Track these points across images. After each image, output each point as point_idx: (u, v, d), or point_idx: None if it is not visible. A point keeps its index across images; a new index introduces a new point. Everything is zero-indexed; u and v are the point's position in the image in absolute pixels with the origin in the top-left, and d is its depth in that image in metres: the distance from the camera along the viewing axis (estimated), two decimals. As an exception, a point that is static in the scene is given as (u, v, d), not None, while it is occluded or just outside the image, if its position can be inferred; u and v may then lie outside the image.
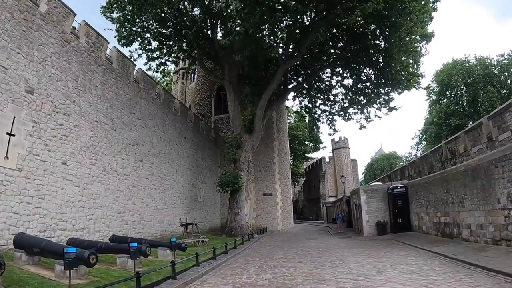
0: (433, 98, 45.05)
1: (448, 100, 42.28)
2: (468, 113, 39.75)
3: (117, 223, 16.18)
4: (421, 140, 50.93)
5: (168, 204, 20.83)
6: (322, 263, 11.30)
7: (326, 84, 31.54)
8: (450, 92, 42.42)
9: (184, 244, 11.91)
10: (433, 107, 44.88)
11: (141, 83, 19.61)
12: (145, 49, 25.68)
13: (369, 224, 20.76)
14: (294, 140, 49.14)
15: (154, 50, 26.05)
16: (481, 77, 38.97)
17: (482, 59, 40.87)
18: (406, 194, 20.40)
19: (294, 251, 15.07)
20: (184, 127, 24.38)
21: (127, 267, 9.57)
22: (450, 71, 41.04)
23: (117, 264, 10.06)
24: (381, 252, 13.40)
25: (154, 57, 26.42)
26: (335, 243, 18.43)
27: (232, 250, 15.29)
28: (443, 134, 39.48)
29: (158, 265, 10.00)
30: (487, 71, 39.18)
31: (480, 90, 38.93)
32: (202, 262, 11.54)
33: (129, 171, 17.52)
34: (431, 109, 45.87)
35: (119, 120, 17.17)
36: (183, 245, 11.85)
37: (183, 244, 11.95)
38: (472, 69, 40.23)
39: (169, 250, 11.70)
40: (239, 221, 22.08)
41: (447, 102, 41.94)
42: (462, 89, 41.50)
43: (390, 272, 9.25)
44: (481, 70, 39.28)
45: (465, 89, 41.00)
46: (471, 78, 39.78)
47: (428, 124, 45.21)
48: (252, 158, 24.43)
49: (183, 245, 11.85)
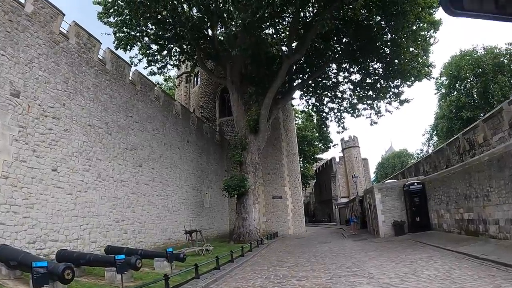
0: (443, 91, 44.10)
1: (458, 92, 41.13)
2: (479, 105, 38.66)
3: (115, 232, 15.24)
4: (432, 135, 49.68)
5: (171, 211, 19.81)
6: (337, 271, 10.11)
7: (332, 81, 30.45)
8: (459, 84, 41.25)
9: (182, 255, 10.85)
10: (443, 101, 43.70)
11: (138, 85, 18.76)
12: (145, 53, 25.09)
13: (385, 225, 19.45)
14: (303, 142, 47.97)
15: (155, 54, 25.52)
16: (490, 67, 37.69)
17: (491, 48, 39.66)
18: (423, 190, 19.11)
19: (306, 257, 13.88)
20: (187, 130, 23.43)
21: (115, 281, 8.53)
22: (459, 63, 40.00)
23: (105, 278, 9.07)
24: (402, 255, 12.15)
25: (155, 60, 25.80)
26: (350, 246, 17.17)
27: (238, 258, 14.17)
28: (455, 128, 38.21)
29: (152, 278, 8.94)
30: (496, 61, 37.86)
31: (490, 80, 37.58)
32: (203, 274, 10.46)
33: (127, 177, 16.59)
34: (441, 103, 44.74)
35: (114, 124, 16.32)
36: (182, 255, 10.80)
37: (182, 254, 10.89)
38: (481, 59, 39.07)
39: (166, 261, 10.64)
40: (247, 227, 20.93)
41: (457, 95, 40.77)
42: (472, 81, 40.45)
43: (416, 279, 8.04)
44: (490, 60, 38.03)
45: (475, 80, 39.90)
46: (481, 69, 38.63)
47: (439, 119, 44.08)
48: (259, 159, 23.29)
49: (182, 255, 10.80)
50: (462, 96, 39.94)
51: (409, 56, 23.32)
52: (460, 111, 38.70)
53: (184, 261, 10.93)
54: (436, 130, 46.26)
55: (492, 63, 37.69)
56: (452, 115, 40.10)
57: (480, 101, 38.85)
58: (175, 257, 10.76)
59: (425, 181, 19.40)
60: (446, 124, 41.28)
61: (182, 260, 10.80)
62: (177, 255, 10.82)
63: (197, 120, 25.96)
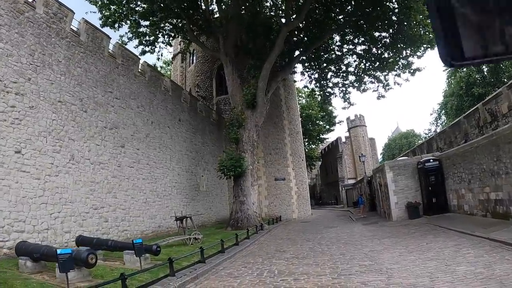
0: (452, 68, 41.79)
1: (468, 69, 38.89)
2: (490, 82, 37.10)
3: (94, 220, 13.52)
4: (440, 115, 48.60)
5: (161, 196, 17.99)
6: (346, 265, 8.17)
7: (336, 54, 28.04)
8: None
9: (156, 246, 8.95)
10: (452, 78, 42.42)
11: (119, 58, 16.78)
12: (136, 32, 23.24)
13: (398, 206, 17.48)
14: (307, 121, 45.80)
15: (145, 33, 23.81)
16: None
17: None
18: (440, 168, 17.06)
19: (309, 246, 11.97)
20: (178, 108, 21.39)
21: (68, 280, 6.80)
22: None
23: (56, 276, 7.35)
24: (422, 242, 10.19)
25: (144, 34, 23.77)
26: (360, 232, 15.22)
27: (231, 248, 12.36)
28: (465, 106, 36.78)
29: (115, 276, 7.07)
30: None
31: None
32: (183, 269, 8.66)
33: (106, 158, 14.76)
34: (449, 80, 43.46)
35: (90, 100, 14.47)
36: (155, 247, 8.91)
37: (155, 246, 8.99)
38: None
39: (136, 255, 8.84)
40: (245, 211, 19.03)
41: (467, 71, 38.85)
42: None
43: (450, 279, 6.10)
44: None
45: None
46: None
47: (448, 96, 42.82)
48: (257, 137, 21.19)
49: (155, 247, 8.91)
50: (473, 72, 38.13)
51: (420, 19, 20.96)
52: (471, 88, 37.28)
53: (158, 254, 9.06)
54: (445, 108, 44.84)
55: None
56: (462, 92, 38.74)
57: (491, 77, 37.33)
58: (147, 250, 8.91)
59: (441, 158, 17.33)
60: (456, 101, 40.21)
61: (155, 252, 8.93)
62: (149, 247, 8.97)
63: (190, 97, 23.87)
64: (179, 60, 36.63)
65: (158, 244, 9.12)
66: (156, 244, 9.03)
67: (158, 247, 8.95)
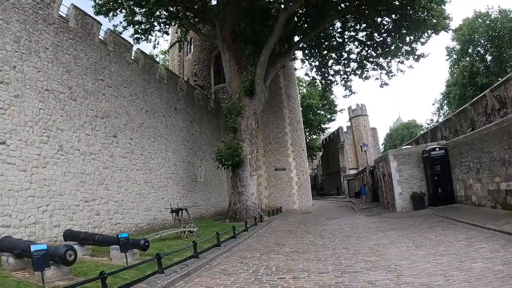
0: (454, 57, 41.95)
1: (471, 58, 38.77)
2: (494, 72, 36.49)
3: (84, 214, 12.90)
4: (442, 105, 48.26)
5: (156, 188, 17.36)
6: (350, 261, 7.52)
7: (338, 41, 27.08)
8: (473, 49, 39.12)
9: (144, 241, 8.30)
10: (455, 67, 41.87)
11: (111, 45, 16.02)
12: (131, 21, 22.49)
13: (403, 197, 16.83)
14: (308, 111, 45.03)
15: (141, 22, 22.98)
16: (506, 31, 35.12)
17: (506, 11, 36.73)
18: (446, 157, 16.38)
19: (310, 239, 11.34)
20: (174, 97, 20.63)
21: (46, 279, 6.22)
22: (472, 25, 37.74)
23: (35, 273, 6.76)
24: (431, 235, 9.54)
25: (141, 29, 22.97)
26: (363, 223, 14.57)
27: (228, 241, 11.76)
28: (468, 95, 36.36)
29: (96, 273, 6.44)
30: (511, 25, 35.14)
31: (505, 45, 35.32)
32: (175, 264, 8.07)
33: (97, 149, 14.09)
34: (452, 69, 43.00)
35: (80, 88, 13.75)
36: (143, 242, 8.26)
37: (142, 240, 8.33)
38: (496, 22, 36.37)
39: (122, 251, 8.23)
40: (243, 202, 18.41)
41: (471, 60, 38.49)
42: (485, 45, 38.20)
43: (467, 278, 5.45)
44: (506, 23, 35.31)
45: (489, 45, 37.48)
46: (496, 33, 36.09)
47: (451, 86, 42.32)
48: (256, 125, 20.40)
49: (143, 242, 8.26)
50: (476, 61, 37.80)
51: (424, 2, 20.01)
52: (475, 77, 36.71)
53: (146, 249, 8.42)
54: (447, 98, 44.48)
55: (508, 27, 35.13)
56: (465, 82, 38.12)
57: (494, 67, 36.82)
58: (134, 245, 8.28)
59: (448, 146, 16.62)
60: (459, 91, 39.64)
61: (143, 248, 8.29)
62: (137, 242, 8.32)
63: (187, 85, 23.07)
64: (176, 50, 35.89)
65: (147, 239, 8.46)
66: (145, 239, 8.37)
67: (146, 241, 8.30)
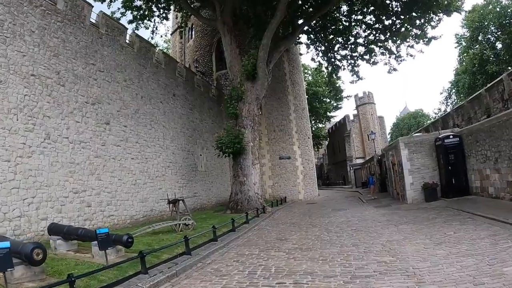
0: (464, 44, 40.76)
1: (481, 45, 37.38)
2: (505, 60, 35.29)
3: (74, 206, 12.13)
4: (450, 94, 47.13)
5: (153, 177, 16.51)
6: (361, 261, 6.59)
7: (344, 25, 25.72)
8: (483, 36, 37.84)
9: (127, 237, 7.40)
10: (464, 55, 40.45)
11: (103, 28, 15.09)
12: (130, 6, 21.56)
13: (414, 188, 15.79)
14: (314, 99, 43.81)
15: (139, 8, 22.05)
16: None
17: None
18: (460, 145, 15.26)
19: (315, 234, 10.39)
20: (172, 82, 19.64)
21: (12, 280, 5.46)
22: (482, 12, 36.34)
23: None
24: (449, 231, 8.54)
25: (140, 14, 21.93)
26: (372, 216, 13.58)
27: (227, 234, 10.92)
28: (478, 84, 35.27)
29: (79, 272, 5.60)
30: None
31: None
32: (163, 263, 7.26)
33: (88, 137, 13.26)
34: (461, 57, 41.58)
35: (69, 73, 12.91)
36: (126, 238, 7.36)
37: (126, 236, 7.43)
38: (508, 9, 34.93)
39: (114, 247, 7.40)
40: (245, 192, 17.51)
41: (481, 47, 37.13)
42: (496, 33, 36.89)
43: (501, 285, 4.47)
44: None
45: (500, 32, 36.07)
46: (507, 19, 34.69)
47: (460, 74, 40.98)
48: (258, 111, 19.35)
49: (126, 238, 7.36)
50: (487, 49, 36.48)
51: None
52: (485, 65, 35.45)
53: (129, 246, 7.55)
54: (456, 87, 43.16)
55: (519, 14, 33.98)
56: (475, 70, 36.83)
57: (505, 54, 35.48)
58: (116, 241, 7.42)
59: (462, 134, 15.47)
60: (469, 79, 38.52)
61: (126, 244, 7.42)
62: (119, 238, 7.44)
63: (186, 71, 22.05)
64: (177, 37, 35.12)
65: (131, 235, 7.56)
66: (128, 235, 7.47)
67: (130, 238, 7.40)
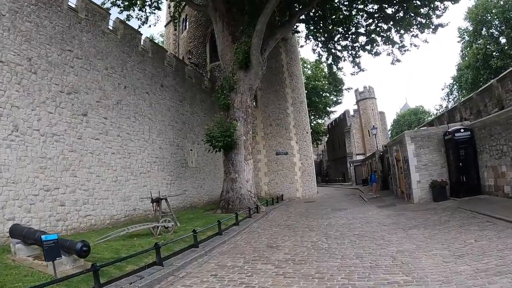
0: (467, 39, 39.80)
1: (484, 40, 36.40)
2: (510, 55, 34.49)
3: (45, 204, 10.94)
4: (452, 90, 46.10)
5: (136, 174, 15.20)
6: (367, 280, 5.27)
7: (344, 14, 24.32)
8: (486, 30, 36.87)
9: (82, 245, 6.04)
10: (467, 49, 39.53)
11: (82, 12, 13.80)
12: None
13: (421, 186, 14.51)
14: (313, 93, 42.46)
15: None
16: None
17: None
18: (472, 140, 13.94)
19: (312, 240, 9.05)
20: (160, 72, 18.29)
21: None
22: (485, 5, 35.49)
23: None
24: (467, 238, 7.27)
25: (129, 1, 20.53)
26: (376, 217, 12.23)
27: (212, 238, 9.66)
28: (482, 79, 34.67)
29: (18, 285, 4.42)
30: None
31: None
32: (125, 276, 6.00)
33: (62, 129, 12.00)
34: (464, 52, 40.75)
35: (42, 60, 11.71)
36: (80, 246, 6.03)
37: (79, 244, 6.07)
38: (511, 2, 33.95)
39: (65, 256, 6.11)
40: (237, 190, 16.17)
41: (484, 42, 36.17)
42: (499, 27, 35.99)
43: None
44: None
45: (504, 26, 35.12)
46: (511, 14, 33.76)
47: (463, 69, 40.05)
48: (252, 102, 17.89)
49: (80, 246, 6.03)
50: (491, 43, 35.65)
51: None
52: (489, 60, 34.68)
53: (85, 256, 6.24)
54: (459, 82, 42.16)
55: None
56: (479, 64, 35.97)
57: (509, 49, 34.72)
58: (67, 249, 6.12)
59: (474, 127, 14.14)
60: (472, 74, 37.63)
61: (80, 254, 6.09)
62: (71, 246, 6.11)
63: (176, 60, 20.68)
64: (171, 28, 34.12)
65: (86, 242, 6.20)
66: (83, 242, 6.12)
67: (84, 245, 6.05)
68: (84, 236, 10.59)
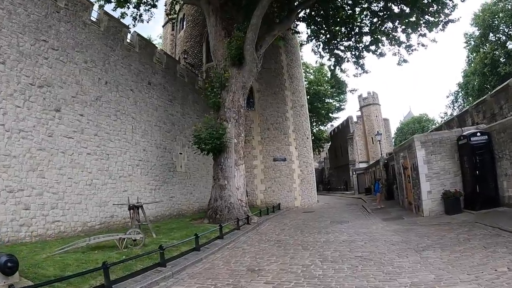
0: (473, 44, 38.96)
1: (491, 45, 35.52)
2: None
3: (7, 207, 9.61)
4: (457, 97, 45.50)
5: (115, 177, 13.74)
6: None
7: (347, 13, 23.02)
8: (493, 35, 36.20)
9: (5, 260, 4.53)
10: (474, 55, 38.84)
11: (62, 1, 12.60)
12: None
13: (432, 197, 12.96)
14: (316, 98, 41.19)
15: None
16: None
17: None
18: (489, 145, 12.39)
19: (304, 263, 7.51)
20: (148, 69, 16.94)
21: None
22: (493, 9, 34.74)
23: None
24: (498, 264, 5.78)
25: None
26: (382, 233, 10.61)
27: (185, 255, 8.20)
28: (489, 85, 33.52)
29: None
30: None
31: None
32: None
33: (31, 125, 10.70)
34: (470, 58, 39.97)
35: (12, 49, 10.54)
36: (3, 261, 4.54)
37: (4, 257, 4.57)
38: None
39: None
40: (226, 199, 14.59)
41: (491, 47, 35.30)
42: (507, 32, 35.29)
43: None
44: None
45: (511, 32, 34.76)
46: None
47: (469, 75, 39.10)
48: (244, 102, 16.42)
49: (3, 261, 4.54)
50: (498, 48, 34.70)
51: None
52: (496, 66, 33.92)
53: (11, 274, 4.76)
54: (465, 89, 40.97)
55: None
56: (486, 70, 34.90)
57: None
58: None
59: (492, 131, 12.61)
60: (479, 80, 36.77)
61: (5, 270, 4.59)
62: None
63: (167, 57, 19.35)
64: (169, 28, 34.24)
65: (14, 257, 4.75)
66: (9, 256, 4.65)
67: (9, 261, 4.60)
68: (49, 244, 9.35)
